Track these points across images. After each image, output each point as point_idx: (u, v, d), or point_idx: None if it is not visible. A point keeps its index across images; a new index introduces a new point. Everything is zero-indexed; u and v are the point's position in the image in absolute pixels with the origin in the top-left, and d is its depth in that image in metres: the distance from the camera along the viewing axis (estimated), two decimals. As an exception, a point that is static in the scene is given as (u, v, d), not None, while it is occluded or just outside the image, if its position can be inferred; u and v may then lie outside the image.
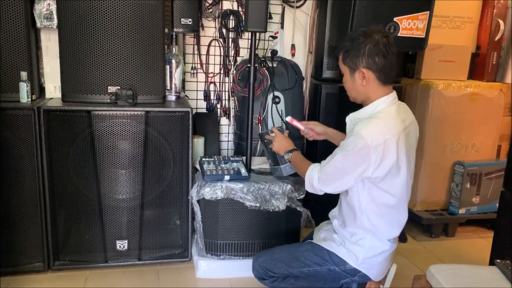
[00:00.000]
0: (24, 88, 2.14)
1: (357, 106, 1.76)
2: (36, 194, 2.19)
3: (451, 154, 3.03)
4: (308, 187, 1.75)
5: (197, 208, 2.31)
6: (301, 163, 1.88)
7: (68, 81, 2.21)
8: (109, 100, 2.23)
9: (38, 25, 2.22)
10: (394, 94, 1.68)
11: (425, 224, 3.02)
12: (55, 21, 2.21)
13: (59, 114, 2.16)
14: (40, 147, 2.14)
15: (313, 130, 2.07)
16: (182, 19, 2.51)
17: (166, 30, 2.38)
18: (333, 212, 1.92)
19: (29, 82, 2.15)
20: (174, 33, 2.54)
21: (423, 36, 2.48)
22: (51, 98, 2.34)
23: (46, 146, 2.15)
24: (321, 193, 1.73)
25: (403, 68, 3.12)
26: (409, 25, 2.43)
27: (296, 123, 2.10)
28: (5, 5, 2.07)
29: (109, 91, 2.23)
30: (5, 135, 2.11)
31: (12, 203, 2.19)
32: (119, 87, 2.23)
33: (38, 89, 2.33)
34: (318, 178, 1.68)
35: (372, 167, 1.56)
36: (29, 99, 2.16)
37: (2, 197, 2.15)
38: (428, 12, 2.44)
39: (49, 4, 2.20)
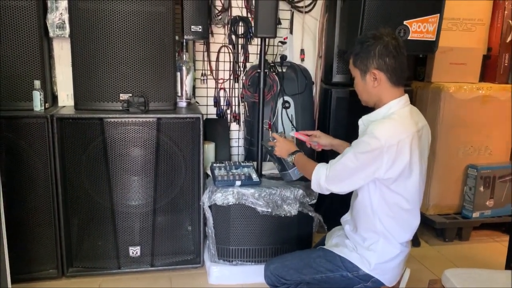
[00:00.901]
0: (37, 97, 2.17)
1: (368, 110, 1.75)
2: (50, 201, 2.22)
3: (463, 158, 3.00)
4: (314, 186, 1.73)
5: (208, 214, 2.31)
6: (306, 163, 1.86)
7: (81, 89, 2.23)
8: (121, 108, 2.26)
9: (51, 34, 2.26)
10: (406, 96, 1.68)
11: (438, 228, 2.99)
12: (67, 30, 2.25)
13: (72, 122, 2.19)
14: (53, 154, 2.16)
15: (318, 142, 2.06)
16: (192, 27, 2.53)
17: (177, 38, 2.40)
18: (345, 218, 1.91)
19: (42, 91, 2.19)
20: (184, 40, 2.57)
21: (434, 39, 2.47)
22: (64, 106, 2.37)
23: (59, 154, 2.17)
24: (327, 193, 1.71)
25: (413, 71, 3.10)
26: (419, 28, 2.41)
27: (300, 136, 2.09)
28: (19, 15, 2.11)
29: (121, 98, 2.26)
30: (19, 143, 2.14)
31: (26, 210, 2.22)
32: (131, 95, 2.25)
33: (51, 97, 2.37)
34: (326, 177, 1.66)
35: (384, 168, 1.55)
36: (43, 108, 2.19)
37: (16, 204, 2.17)
38: (438, 14, 2.42)
39: (61, 13, 2.24)
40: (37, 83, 2.17)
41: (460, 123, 2.92)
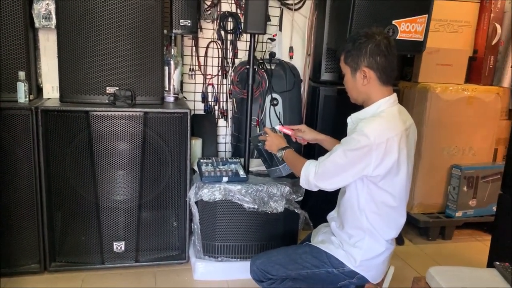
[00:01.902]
0: (22, 88, 2.13)
1: (356, 109, 1.76)
2: (33, 194, 2.18)
3: (448, 157, 3.04)
4: (303, 182, 1.74)
5: (195, 210, 2.30)
6: (296, 160, 1.87)
7: (66, 81, 2.20)
8: (107, 101, 2.23)
9: (37, 25, 2.22)
10: (395, 95, 1.69)
11: (422, 227, 3.03)
12: (54, 21, 2.20)
13: (57, 114, 2.15)
14: (37, 147, 2.13)
15: (303, 137, 2.07)
16: (181, 21, 2.51)
17: (165, 32, 2.38)
18: (331, 215, 1.92)
19: (27, 82, 2.15)
20: (172, 34, 2.54)
21: (422, 39, 2.50)
22: (49, 99, 2.33)
23: (43, 147, 2.14)
24: (316, 189, 1.72)
25: (400, 71, 3.13)
26: (407, 28, 2.44)
27: (285, 130, 2.10)
28: (4, 4, 2.07)
29: (107, 91, 2.23)
30: (2, 135, 2.09)
31: (8, 203, 2.18)
32: (117, 88, 2.22)
33: (36, 89, 2.32)
34: (315, 173, 1.67)
35: (373, 165, 1.57)
36: (27, 99, 2.15)
37: (-1, 197, 2.14)
38: (426, 15, 2.45)
39: (47, 4, 2.19)
40: (21, 74, 2.13)
41: (445, 123, 2.95)
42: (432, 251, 2.90)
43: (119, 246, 2.36)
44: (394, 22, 2.42)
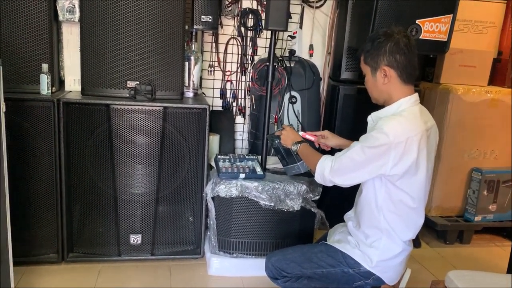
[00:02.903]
0: (44, 80, 2.16)
1: (376, 108, 1.74)
2: (53, 185, 2.22)
3: (469, 160, 2.99)
4: (318, 177, 1.73)
5: (211, 205, 2.31)
6: (311, 154, 1.86)
7: (88, 75, 2.23)
8: (128, 95, 2.25)
9: (61, 18, 2.25)
10: (416, 95, 1.67)
11: (439, 230, 2.98)
12: (77, 15, 2.23)
13: (78, 107, 2.18)
14: (58, 139, 2.16)
15: (326, 144, 2.05)
16: (202, 16, 2.51)
17: (186, 27, 2.39)
18: (349, 215, 1.91)
19: (50, 74, 2.18)
20: (193, 30, 2.55)
21: (445, 40, 2.45)
22: (70, 91, 2.36)
23: (64, 139, 2.16)
24: (330, 185, 1.71)
25: (422, 71, 3.08)
26: (431, 28, 2.40)
27: (308, 136, 2.08)
28: (30, -2, 2.10)
29: (128, 85, 2.25)
30: (25, 126, 2.13)
31: (29, 194, 2.21)
32: (138, 82, 2.24)
33: (58, 81, 2.36)
34: (331, 168, 1.66)
35: (390, 164, 1.55)
36: (49, 91, 2.18)
37: (20, 187, 2.17)
38: (451, 15, 2.40)
39: (72, -3, 2.23)
40: (44, 67, 2.16)
41: (467, 125, 2.90)
42: (450, 255, 2.85)
43: (135, 239, 2.38)
44: (417, 21, 2.38)
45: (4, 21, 2.09)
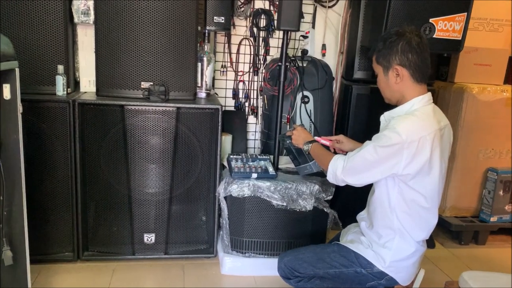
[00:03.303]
0: (60, 81, 2.19)
1: (390, 107, 1.73)
2: (68, 185, 2.25)
3: (484, 160, 2.95)
4: (330, 177, 1.72)
5: (223, 205, 2.32)
6: (323, 154, 1.86)
7: (103, 76, 2.26)
8: (142, 96, 2.27)
9: (76, 20, 2.28)
10: (429, 95, 1.66)
11: (454, 231, 2.95)
12: (92, 17, 2.26)
13: (93, 107, 2.21)
14: (73, 139, 2.19)
15: (341, 148, 2.05)
16: (215, 17, 2.53)
17: (199, 28, 2.40)
18: (361, 215, 1.90)
19: (65, 76, 2.21)
20: (206, 31, 2.56)
21: (460, 38, 2.43)
22: (85, 92, 2.39)
23: (79, 139, 2.20)
24: (343, 184, 1.70)
25: (436, 70, 3.05)
26: (445, 27, 2.37)
27: (323, 141, 2.07)
28: (46, 0, 2.13)
29: (142, 86, 2.27)
30: (41, 126, 2.17)
31: (45, 193, 2.25)
32: (152, 83, 2.26)
33: (73, 82, 2.39)
34: (343, 168, 1.66)
35: (403, 164, 1.54)
36: (65, 92, 2.21)
37: (36, 187, 2.21)
38: (465, 13, 2.38)
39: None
40: (60, 68, 2.19)
41: (482, 125, 2.87)
42: (464, 256, 2.82)
43: (149, 238, 2.41)
44: (431, 20, 2.36)
45: (21, 24, 2.13)
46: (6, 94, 1.51)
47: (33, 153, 2.17)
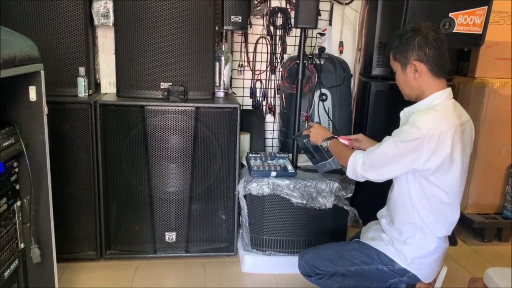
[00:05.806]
0: (82, 83, 2.23)
1: (409, 104, 1.72)
2: (91, 185, 2.29)
3: (506, 156, 2.90)
4: (350, 173, 1.72)
5: (243, 203, 2.33)
6: (342, 150, 1.86)
7: (123, 77, 2.29)
8: (161, 96, 2.30)
9: (96, 22, 2.32)
10: (449, 90, 1.64)
11: (476, 228, 2.91)
12: (112, 19, 2.30)
13: (114, 108, 2.25)
14: (95, 140, 2.23)
15: (360, 147, 2.04)
16: (232, 17, 2.55)
17: (216, 28, 2.42)
18: (382, 212, 1.89)
19: (87, 78, 2.25)
20: (223, 30, 2.58)
21: (480, 33, 2.39)
22: (106, 93, 2.43)
23: (101, 139, 2.23)
24: (362, 180, 1.70)
25: (456, 66, 3.01)
26: (465, 21, 2.34)
27: (342, 140, 2.07)
28: (66, 4, 2.17)
29: (161, 87, 2.30)
30: (63, 127, 2.21)
31: (68, 193, 2.29)
32: (171, 83, 2.29)
33: (94, 84, 2.43)
34: (363, 163, 1.65)
35: (423, 159, 1.53)
36: (86, 94, 2.25)
37: (60, 187, 2.25)
38: (486, 7, 2.34)
39: (106, 2, 2.29)
40: (81, 70, 2.23)
41: (504, 120, 2.82)
42: (487, 253, 2.78)
43: (170, 236, 2.43)
44: (450, 14, 2.33)
45: (43, 28, 2.17)
46: (32, 96, 1.54)
47: (57, 153, 2.21)
